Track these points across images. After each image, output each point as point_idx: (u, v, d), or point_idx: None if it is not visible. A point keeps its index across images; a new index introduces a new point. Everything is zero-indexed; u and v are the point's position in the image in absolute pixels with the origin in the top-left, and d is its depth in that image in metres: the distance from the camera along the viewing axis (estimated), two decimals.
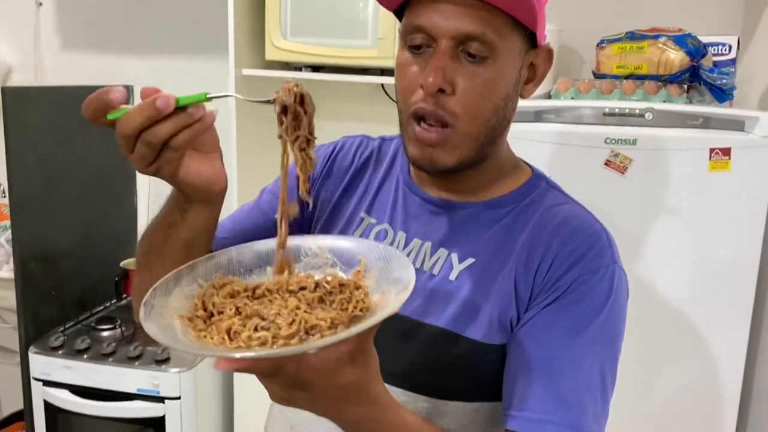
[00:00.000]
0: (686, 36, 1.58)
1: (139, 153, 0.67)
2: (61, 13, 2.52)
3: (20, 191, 2.04)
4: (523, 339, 0.79)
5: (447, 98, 0.77)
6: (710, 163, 1.47)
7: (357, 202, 0.94)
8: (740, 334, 1.54)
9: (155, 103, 0.64)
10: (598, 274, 0.79)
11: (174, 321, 0.62)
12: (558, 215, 0.84)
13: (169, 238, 0.78)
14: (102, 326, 2.13)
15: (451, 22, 0.75)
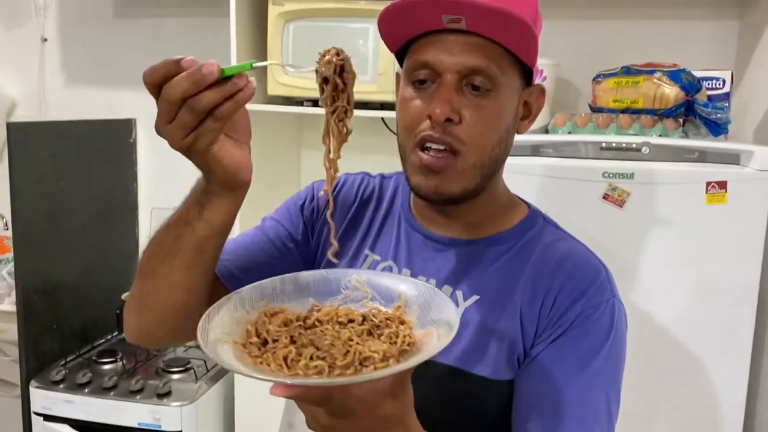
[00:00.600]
0: (681, 71, 1.61)
1: (181, 121, 0.66)
2: (66, 48, 2.56)
3: (23, 224, 2.05)
4: (532, 375, 0.81)
5: (454, 127, 0.79)
6: (707, 197, 1.49)
7: (361, 239, 0.95)
8: (741, 366, 1.54)
9: (201, 70, 0.64)
10: (600, 309, 0.82)
11: (225, 345, 0.65)
12: (558, 251, 0.86)
13: (182, 237, 0.77)
14: (103, 359, 2.13)
15: (457, 57, 0.78)
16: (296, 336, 0.67)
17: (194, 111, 0.65)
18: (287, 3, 1.94)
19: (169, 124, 0.67)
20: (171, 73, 0.65)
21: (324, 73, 0.71)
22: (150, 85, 0.66)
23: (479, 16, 0.76)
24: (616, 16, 2.10)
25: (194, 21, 2.39)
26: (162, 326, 0.85)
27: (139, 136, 2.53)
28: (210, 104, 0.65)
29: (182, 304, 0.82)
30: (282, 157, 2.29)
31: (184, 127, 0.66)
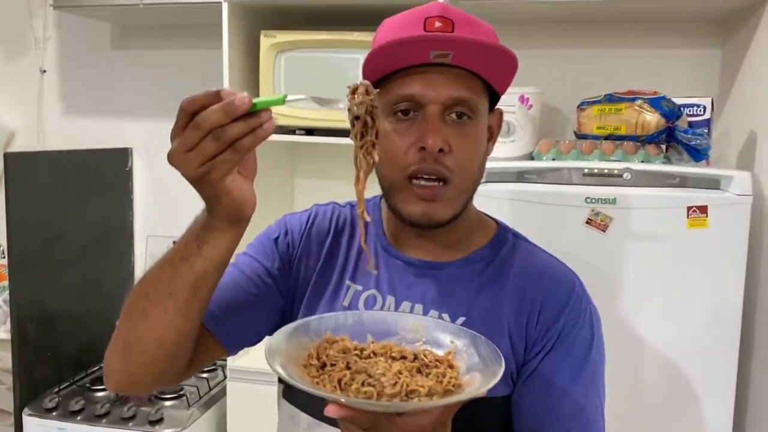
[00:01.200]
0: (661, 98, 1.65)
1: (203, 149, 0.67)
2: (64, 79, 2.61)
3: (19, 252, 2.08)
4: (530, 393, 0.87)
5: (444, 157, 0.83)
6: (688, 221, 1.51)
7: (340, 271, 0.96)
8: (727, 387, 1.55)
9: (234, 101, 0.65)
10: (580, 319, 0.89)
11: (289, 364, 0.71)
12: (534, 268, 0.92)
13: (179, 274, 0.77)
14: (97, 386, 2.14)
15: (441, 90, 0.83)
16: (352, 363, 0.72)
17: (219, 141, 0.66)
18: (279, 34, 2.00)
19: (188, 152, 0.68)
20: (210, 103, 0.66)
21: (356, 112, 0.74)
22: (185, 113, 0.67)
23: (468, 51, 0.82)
24: (603, 45, 2.15)
25: (188, 53, 2.44)
26: (149, 370, 0.83)
27: (135, 165, 2.57)
28: (235, 136, 0.66)
29: (173, 345, 0.81)
30: (275, 185, 2.33)
31: (203, 156, 0.67)
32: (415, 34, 0.82)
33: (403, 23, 0.86)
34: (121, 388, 0.88)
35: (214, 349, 0.91)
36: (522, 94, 1.95)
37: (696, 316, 1.54)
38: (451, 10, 0.86)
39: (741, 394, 1.61)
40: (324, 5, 1.96)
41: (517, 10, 2.00)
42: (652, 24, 2.10)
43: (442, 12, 0.85)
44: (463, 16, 0.87)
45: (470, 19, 0.87)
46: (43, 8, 2.54)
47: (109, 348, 0.85)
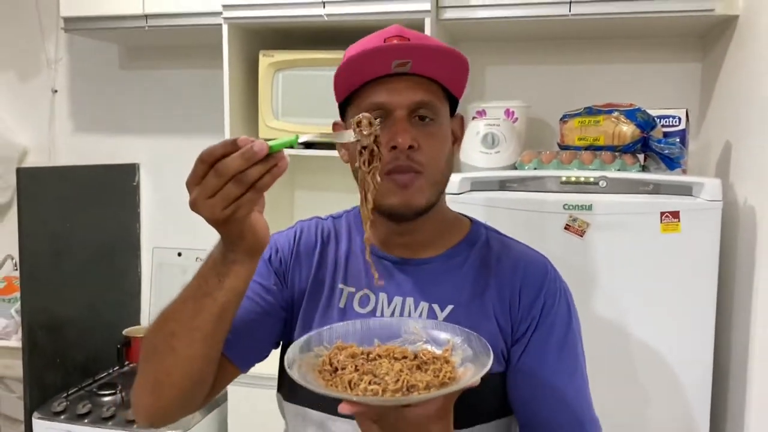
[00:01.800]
0: (636, 110, 1.73)
1: (226, 193, 0.72)
2: (74, 99, 2.73)
3: (30, 263, 2.18)
4: (525, 372, 0.97)
5: (415, 153, 0.93)
6: (661, 226, 1.59)
7: (332, 276, 1.03)
8: (702, 385, 1.61)
9: (254, 149, 0.71)
10: (557, 296, 0.99)
11: (308, 372, 0.81)
12: (510, 257, 1.02)
13: (204, 309, 0.82)
14: (103, 392, 2.23)
15: (404, 95, 0.93)
16: (359, 365, 0.82)
17: (242, 184, 0.72)
18: (277, 54, 2.10)
19: (210, 198, 0.73)
20: (228, 152, 0.71)
21: (364, 143, 0.85)
22: (205, 164, 0.72)
23: (426, 57, 0.92)
24: (590, 61, 2.23)
25: (191, 72, 2.56)
26: (179, 402, 0.89)
27: (142, 180, 2.67)
28: (255, 178, 0.72)
29: (200, 375, 0.88)
30: (275, 198, 2.42)
31: (227, 200, 0.73)
32: (378, 45, 0.92)
33: (365, 43, 0.97)
34: (154, 423, 0.92)
35: (231, 372, 0.98)
36: (508, 108, 2.04)
37: (670, 316, 1.60)
38: (407, 30, 0.97)
39: (717, 394, 1.67)
40: (320, 26, 2.07)
41: (503, 29, 2.10)
42: (636, 40, 2.19)
43: (398, 32, 0.96)
44: (418, 34, 0.98)
45: (424, 36, 1.00)
46: (54, 31, 2.66)
47: (136, 387, 0.91)
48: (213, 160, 0.72)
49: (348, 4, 1.95)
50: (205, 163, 0.72)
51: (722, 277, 1.61)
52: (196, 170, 0.73)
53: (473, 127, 1.93)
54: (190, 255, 2.61)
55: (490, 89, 2.32)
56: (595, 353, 1.64)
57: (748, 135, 1.67)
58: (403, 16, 1.92)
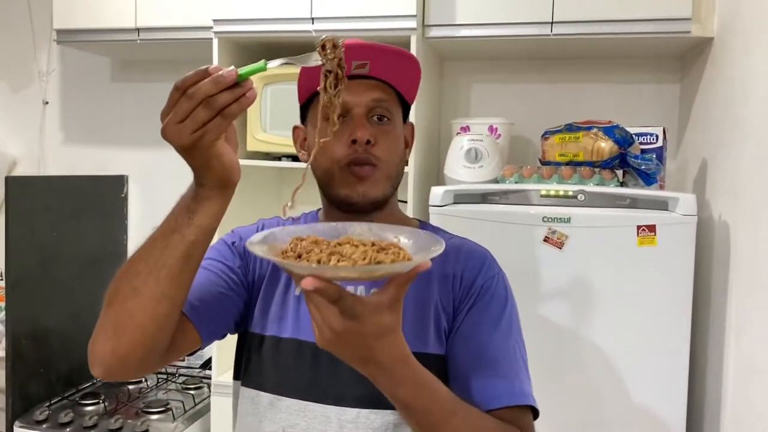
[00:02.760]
0: (614, 127, 1.78)
1: (196, 118, 0.75)
2: (65, 110, 2.76)
3: (16, 272, 2.19)
4: (461, 340, 1.02)
5: (372, 147, 1.01)
6: (638, 239, 1.63)
7: (287, 278, 1.07)
8: (677, 397, 1.64)
9: (223, 74, 0.75)
10: (495, 279, 1.06)
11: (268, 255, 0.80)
12: (452, 247, 1.06)
13: (171, 245, 0.83)
14: (86, 401, 2.22)
15: (363, 95, 1.02)
16: (324, 249, 0.81)
17: (210, 108, 0.75)
18: None
19: (181, 122, 0.76)
20: (200, 78, 0.75)
21: (329, 66, 0.87)
22: (178, 91, 0.76)
23: (383, 59, 1.01)
24: (573, 80, 2.29)
25: None
26: (139, 348, 0.87)
27: (130, 192, 2.69)
28: (224, 104, 0.75)
29: (164, 318, 0.87)
30: (262, 211, 2.43)
31: (196, 123, 0.76)
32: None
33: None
34: (110, 372, 0.90)
35: (192, 337, 0.99)
36: (491, 124, 2.09)
37: (646, 327, 1.64)
38: (367, 42, 1.02)
39: (692, 405, 1.70)
40: (308, 42, 2.11)
41: (487, 48, 2.15)
42: (617, 60, 2.25)
43: (359, 42, 1.01)
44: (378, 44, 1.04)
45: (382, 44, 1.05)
46: (47, 43, 2.70)
47: (96, 334, 0.89)
48: (185, 87, 0.75)
49: (336, 21, 2.00)
50: (179, 90, 0.76)
51: (697, 289, 1.66)
52: (170, 98, 0.77)
53: (457, 142, 1.97)
54: None
55: (474, 106, 2.37)
56: (572, 364, 1.68)
57: (723, 153, 1.72)
58: (390, 33, 1.97)
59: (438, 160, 2.31)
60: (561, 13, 1.89)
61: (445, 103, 2.39)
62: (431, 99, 2.23)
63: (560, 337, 1.68)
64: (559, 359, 1.69)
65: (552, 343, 1.68)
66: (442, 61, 2.38)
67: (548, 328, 1.68)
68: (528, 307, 1.61)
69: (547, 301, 1.68)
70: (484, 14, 1.95)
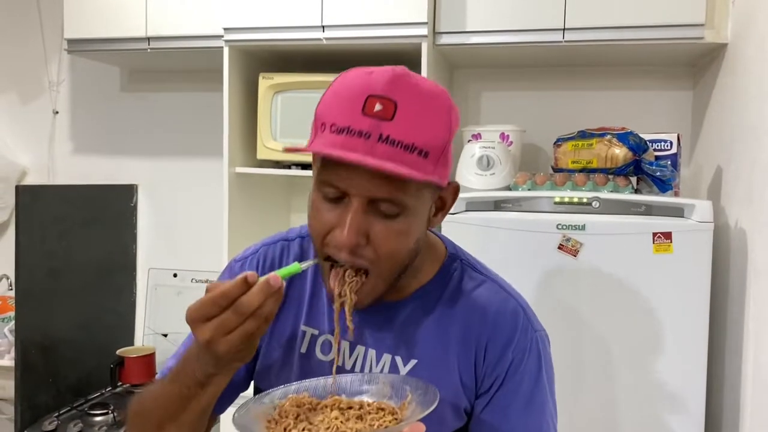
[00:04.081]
0: (628, 134, 1.76)
1: (247, 329, 0.75)
2: (75, 120, 2.77)
3: (26, 281, 2.18)
4: (488, 424, 0.92)
5: (363, 249, 0.83)
6: (654, 246, 1.61)
7: (295, 315, 0.99)
8: (696, 407, 1.61)
9: (270, 283, 0.74)
10: (527, 351, 0.93)
11: (259, 420, 0.83)
12: (479, 301, 0.94)
13: (188, 409, 0.85)
14: (95, 411, 2.21)
15: (364, 187, 0.80)
16: (301, 414, 0.84)
17: (259, 319, 0.75)
18: (276, 76, 2.14)
19: (228, 334, 0.75)
20: (243, 291, 0.74)
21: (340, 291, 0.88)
22: (216, 305, 0.75)
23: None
24: (585, 88, 2.28)
25: (191, 95, 2.61)
26: None
27: (139, 201, 2.69)
28: (270, 312, 0.76)
29: None
30: (272, 219, 2.44)
31: (245, 335, 0.75)
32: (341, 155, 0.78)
33: (347, 98, 0.81)
34: None
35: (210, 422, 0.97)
36: (503, 132, 2.07)
37: (663, 335, 1.61)
38: (397, 86, 0.80)
39: (710, 414, 1.67)
40: (319, 50, 2.11)
41: (499, 55, 2.14)
42: (629, 67, 2.24)
43: (386, 91, 0.80)
44: (411, 94, 0.81)
45: (419, 94, 0.81)
46: (57, 53, 2.71)
47: None
48: (229, 302, 0.74)
49: (346, 29, 2.00)
50: (218, 304, 0.74)
51: (714, 297, 1.63)
52: (205, 309, 0.75)
53: (468, 149, 1.96)
54: (186, 276, 2.62)
55: (485, 114, 2.36)
56: (587, 373, 1.66)
57: (738, 159, 1.70)
58: (400, 41, 1.96)
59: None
60: (573, 20, 1.88)
61: None
62: None
63: (576, 346, 1.66)
64: (574, 368, 1.66)
65: (567, 352, 1.66)
66: (453, 69, 2.38)
67: (563, 338, 1.66)
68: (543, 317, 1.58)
69: (562, 310, 1.66)
70: (496, 21, 1.94)
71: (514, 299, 0.96)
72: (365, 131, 0.78)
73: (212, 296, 0.75)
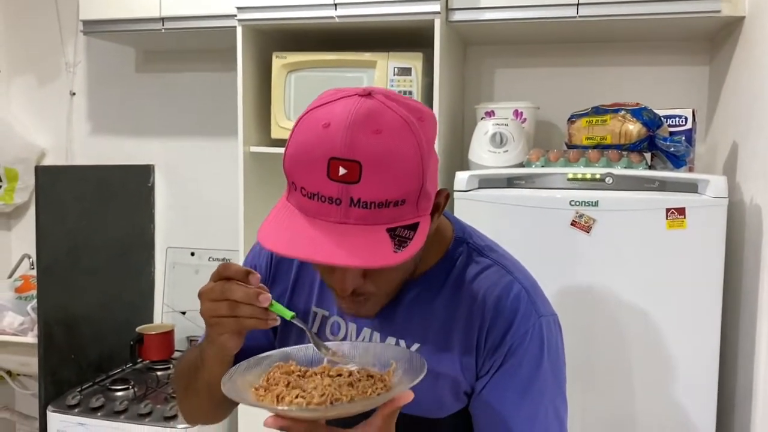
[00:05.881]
0: (642, 109, 1.75)
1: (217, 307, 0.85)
2: (92, 101, 2.79)
3: (47, 260, 2.23)
4: (483, 408, 0.93)
5: (362, 286, 0.86)
6: (667, 222, 1.60)
7: (306, 298, 1.02)
8: (709, 383, 1.62)
9: (258, 297, 0.83)
10: (528, 336, 0.91)
11: (247, 388, 0.85)
12: (482, 287, 0.93)
13: (198, 378, 0.96)
14: (116, 386, 2.26)
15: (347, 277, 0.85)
16: (292, 381, 0.85)
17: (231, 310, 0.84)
18: (289, 55, 2.14)
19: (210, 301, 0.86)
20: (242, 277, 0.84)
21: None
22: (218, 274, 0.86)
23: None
24: (599, 63, 2.26)
25: (206, 75, 2.62)
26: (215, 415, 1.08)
27: (156, 181, 2.72)
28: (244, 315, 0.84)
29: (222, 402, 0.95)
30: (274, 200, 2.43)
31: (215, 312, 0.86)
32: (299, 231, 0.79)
33: (311, 161, 0.77)
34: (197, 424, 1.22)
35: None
36: (516, 108, 2.07)
37: (676, 311, 1.62)
38: (357, 143, 0.75)
39: (723, 390, 1.68)
40: (331, 28, 2.11)
41: (512, 31, 2.13)
42: (644, 42, 2.21)
43: (346, 152, 0.75)
44: (374, 147, 0.75)
45: (383, 145, 0.76)
46: (73, 35, 2.73)
47: (180, 404, 1.10)
48: (225, 275, 0.85)
49: (359, 6, 1.99)
50: (219, 273, 0.85)
51: (728, 273, 1.63)
52: (212, 276, 0.87)
53: (482, 126, 1.96)
54: (203, 255, 2.66)
55: (498, 90, 2.35)
56: (599, 348, 1.67)
57: (755, 135, 1.69)
58: (413, 17, 1.95)
59: (462, 146, 2.30)
60: None
61: (469, 88, 2.38)
62: (454, 84, 2.22)
63: (588, 322, 1.67)
64: (586, 345, 1.67)
65: (580, 328, 1.67)
66: (466, 46, 2.37)
67: (576, 314, 1.67)
68: (555, 293, 1.59)
69: (575, 286, 1.66)
70: None
71: (519, 283, 0.94)
72: (335, 198, 0.76)
73: (219, 266, 0.86)
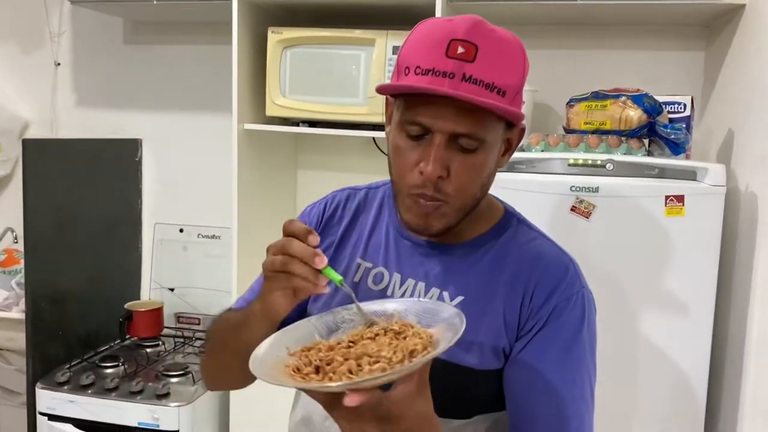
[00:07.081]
0: (643, 95, 1.76)
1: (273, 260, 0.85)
2: (77, 72, 2.72)
3: (34, 235, 2.18)
4: (522, 366, 0.94)
5: (444, 182, 0.89)
6: (666, 209, 1.62)
7: (352, 250, 1.05)
8: (700, 368, 1.66)
9: (314, 257, 0.83)
10: (572, 301, 0.95)
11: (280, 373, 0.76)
12: (531, 251, 0.98)
13: (239, 338, 0.94)
14: (106, 363, 2.24)
15: (448, 123, 0.86)
16: (346, 354, 0.76)
17: (285, 266, 0.84)
18: (285, 31, 2.10)
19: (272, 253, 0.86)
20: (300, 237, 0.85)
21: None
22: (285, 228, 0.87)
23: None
24: (596, 47, 2.26)
25: (198, 48, 2.56)
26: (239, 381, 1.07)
27: (144, 155, 2.67)
28: (296, 272, 0.84)
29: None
30: (279, 176, 2.43)
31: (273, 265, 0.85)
32: (428, 86, 0.85)
33: (431, 43, 0.87)
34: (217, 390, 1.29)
35: None
36: None
37: (672, 296, 1.64)
38: (477, 32, 0.86)
39: (714, 373, 1.72)
40: (328, 4, 2.07)
41: (511, 14, 2.11)
42: (642, 27, 2.21)
43: (467, 35, 0.86)
44: (489, 39, 0.87)
45: (496, 39, 0.88)
46: (59, 3, 2.64)
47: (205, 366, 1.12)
48: (290, 230, 0.86)
49: None
50: (285, 228, 0.87)
51: (723, 260, 1.65)
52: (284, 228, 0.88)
53: None
54: (192, 231, 2.63)
55: None
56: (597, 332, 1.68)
57: (751, 123, 1.70)
58: None
59: None
60: None
61: None
62: None
63: None
64: None
65: None
66: None
67: None
68: None
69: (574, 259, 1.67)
70: None
71: (567, 256, 1.00)
72: (449, 72, 0.85)
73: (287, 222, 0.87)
